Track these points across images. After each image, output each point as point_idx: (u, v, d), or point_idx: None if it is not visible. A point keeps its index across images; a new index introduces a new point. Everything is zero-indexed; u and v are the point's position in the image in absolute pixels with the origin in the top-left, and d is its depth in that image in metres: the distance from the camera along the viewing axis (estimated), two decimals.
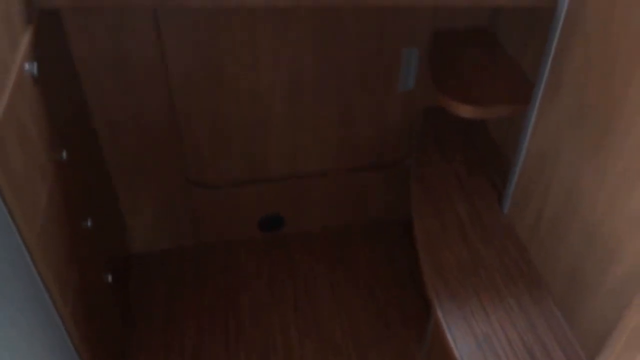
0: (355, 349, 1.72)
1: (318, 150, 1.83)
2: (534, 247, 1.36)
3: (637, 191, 0.98)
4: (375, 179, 1.94)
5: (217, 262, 1.94)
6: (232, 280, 1.89)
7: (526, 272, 1.35)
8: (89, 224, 1.37)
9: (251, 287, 1.87)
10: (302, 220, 1.99)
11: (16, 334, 0.92)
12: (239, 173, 1.84)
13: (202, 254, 1.96)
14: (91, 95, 1.55)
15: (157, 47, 1.51)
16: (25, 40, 1.12)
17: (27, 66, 1.09)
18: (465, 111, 1.41)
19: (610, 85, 1.03)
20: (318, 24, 1.55)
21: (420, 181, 1.61)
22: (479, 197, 1.55)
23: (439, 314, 1.26)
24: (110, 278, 1.50)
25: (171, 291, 1.86)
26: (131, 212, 1.84)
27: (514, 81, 1.49)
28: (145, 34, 1.49)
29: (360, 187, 1.95)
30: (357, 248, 1.99)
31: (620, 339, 0.86)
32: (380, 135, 1.83)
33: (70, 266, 1.21)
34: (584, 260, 1.15)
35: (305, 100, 1.70)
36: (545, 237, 1.30)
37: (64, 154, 1.25)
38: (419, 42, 1.63)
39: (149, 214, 1.86)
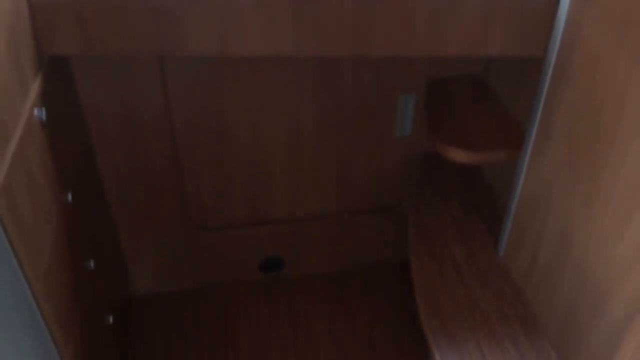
0: None
1: (318, 194, 1.86)
2: (529, 290, 1.38)
3: (627, 235, 1.00)
4: (374, 222, 1.96)
5: (217, 304, 1.95)
6: (231, 322, 1.89)
7: (522, 314, 1.36)
8: (92, 265, 1.39)
9: (251, 328, 1.88)
10: (302, 262, 2.01)
11: None
12: (240, 216, 1.86)
13: (202, 295, 1.97)
14: (97, 139, 1.59)
15: (162, 95, 1.56)
16: (35, 86, 1.16)
17: (36, 112, 1.13)
18: (460, 157, 1.45)
19: (597, 133, 1.07)
20: (317, 72, 1.60)
21: (418, 224, 1.63)
22: (475, 240, 1.58)
23: (437, 357, 1.27)
24: (111, 319, 1.51)
25: (171, 333, 1.86)
26: (133, 254, 1.86)
27: (507, 127, 1.53)
28: (151, 81, 1.53)
29: (359, 230, 1.97)
30: (356, 290, 2.00)
31: None
32: (379, 179, 1.86)
33: (72, 307, 1.22)
34: (578, 303, 1.16)
35: (305, 146, 1.74)
36: (540, 279, 1.32)
37: (69, 197, 1.28)
38: (415, 89, 1.67)
39: (151, 255, 1.88)
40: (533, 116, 1.29)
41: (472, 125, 1.54)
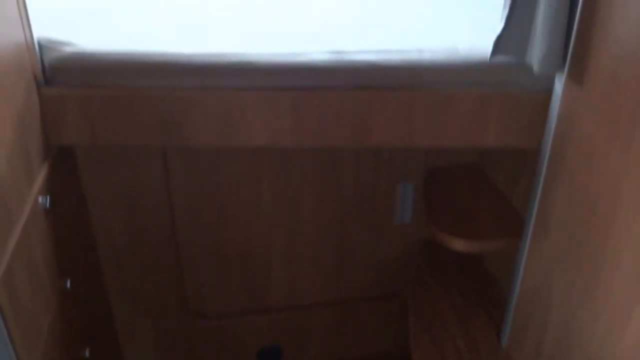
0: None
1: (317, 282, 1.85)
2: None
3: (632, 325, 0.99)
4: (374, 311, 1.94)
5: None
6: None
7: None
8: (87, 353, 1.36)
9: None
10: (300, 351, 1.97)
11: None
12: (238, 304, 1.84)
13: None
14: (97, 226, 1.60)
15: (164, 184, 1.58)
16: (41, 174, 1.18)
17: (40, 200, 1.15)
18: (459, 245, 1.45)
19: (593, 225, 1.07)
20: (317, 161, 1.63)
21: (418, 313, 1.61)
22: (477, 329, 1.55)
23: None
24: None
25: None
26: (129, 341, 1.83)
27: (505, 216, 1.54)
28: (153, 171, 1.56)
29: (359, 319, 1.95)
30: None
31: None
32: (379, 267, 1.86)
33: None
34: None
35: (305, 233, 1.74)
36: None
37: (68, 283, 1.28)
38: (414, 177, 1.70)
39: (147, 343, 1.85)
40: (531, 206, 1.31)
41: (471, 213, 1.56)
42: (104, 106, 1.24)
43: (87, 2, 1.54)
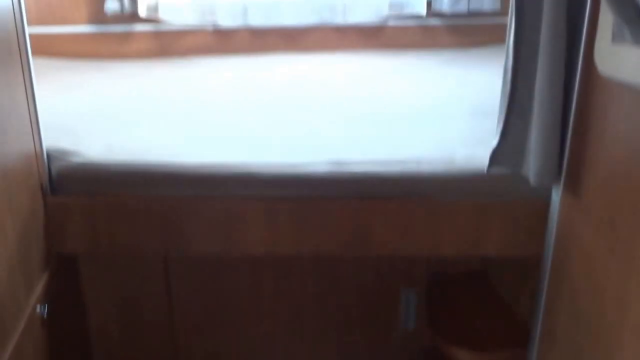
0: None
1: None
2: None
3: None
4: None
5: None
6: None
7: None
8: None
9: None
10: None
11: None
12: None
13: None
14: (96, 333, 1.57)
15: (165, 290, 1.57)
16: (40, 283, 1.18)
17: (38, 309, 1.14)
18: (464, 357, 1.41)
19: (601, 336, 1.05)
20: (318, 268, 1.63)
21: None
22: None
23: None
24: None
25: None
26: None
27: (511, 325, 1.50)
28: (155, 279, 1.56)
29: None
30: None
31: None
32: None
33: None
34: None
35: (307, 340, 1.71)
36: None
37: None
38: (416, 284, 1.68)
39: None
40: (536, 314, 1.29)
41: (475, 323, 1.53)
42: (107, 215, 1.25)
43: (94, 111, 1.61)
